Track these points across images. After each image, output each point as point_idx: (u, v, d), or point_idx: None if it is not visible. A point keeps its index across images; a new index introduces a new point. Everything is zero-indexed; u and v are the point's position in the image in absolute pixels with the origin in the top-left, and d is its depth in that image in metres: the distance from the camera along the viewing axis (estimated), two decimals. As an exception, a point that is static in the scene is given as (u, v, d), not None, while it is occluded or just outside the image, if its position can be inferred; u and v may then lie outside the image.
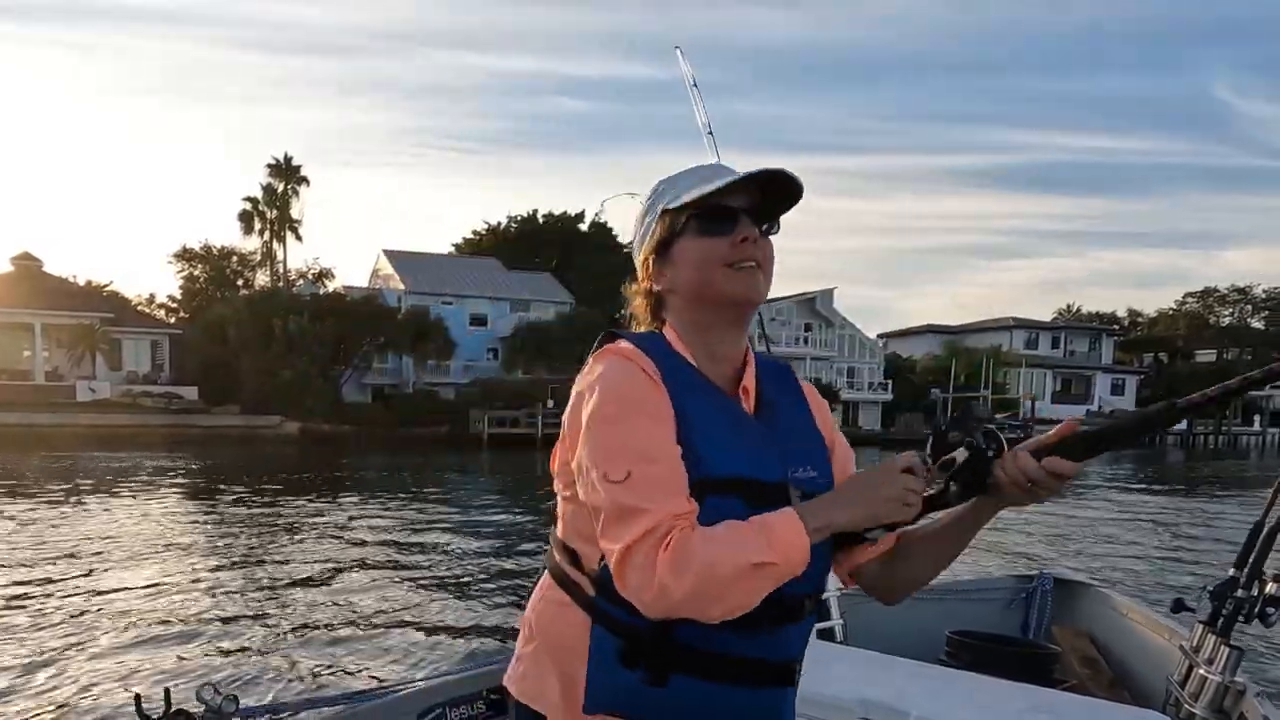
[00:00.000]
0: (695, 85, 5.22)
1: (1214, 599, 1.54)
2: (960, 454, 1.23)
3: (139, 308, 49.31)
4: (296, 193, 51.92)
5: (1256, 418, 54.54)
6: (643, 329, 1.41)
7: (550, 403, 37.43)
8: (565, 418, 1.30)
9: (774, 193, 1.30)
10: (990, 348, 52.56)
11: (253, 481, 19.89)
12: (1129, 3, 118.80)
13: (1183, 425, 48.28)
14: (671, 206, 1.32)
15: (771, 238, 1.33)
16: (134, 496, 16.52)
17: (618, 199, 6.06)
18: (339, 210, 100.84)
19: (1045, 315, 66.70)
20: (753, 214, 1.29)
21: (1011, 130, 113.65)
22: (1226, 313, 66.77)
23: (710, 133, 4.97)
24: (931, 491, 1.25)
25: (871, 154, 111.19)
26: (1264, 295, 65.41)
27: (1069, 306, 75.46)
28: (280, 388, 36.36)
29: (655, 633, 1.21)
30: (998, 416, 44.17)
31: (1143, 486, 23.75)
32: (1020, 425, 43.22)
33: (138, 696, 2.18)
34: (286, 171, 51.72)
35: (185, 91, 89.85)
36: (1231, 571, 1.53)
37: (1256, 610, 1.48)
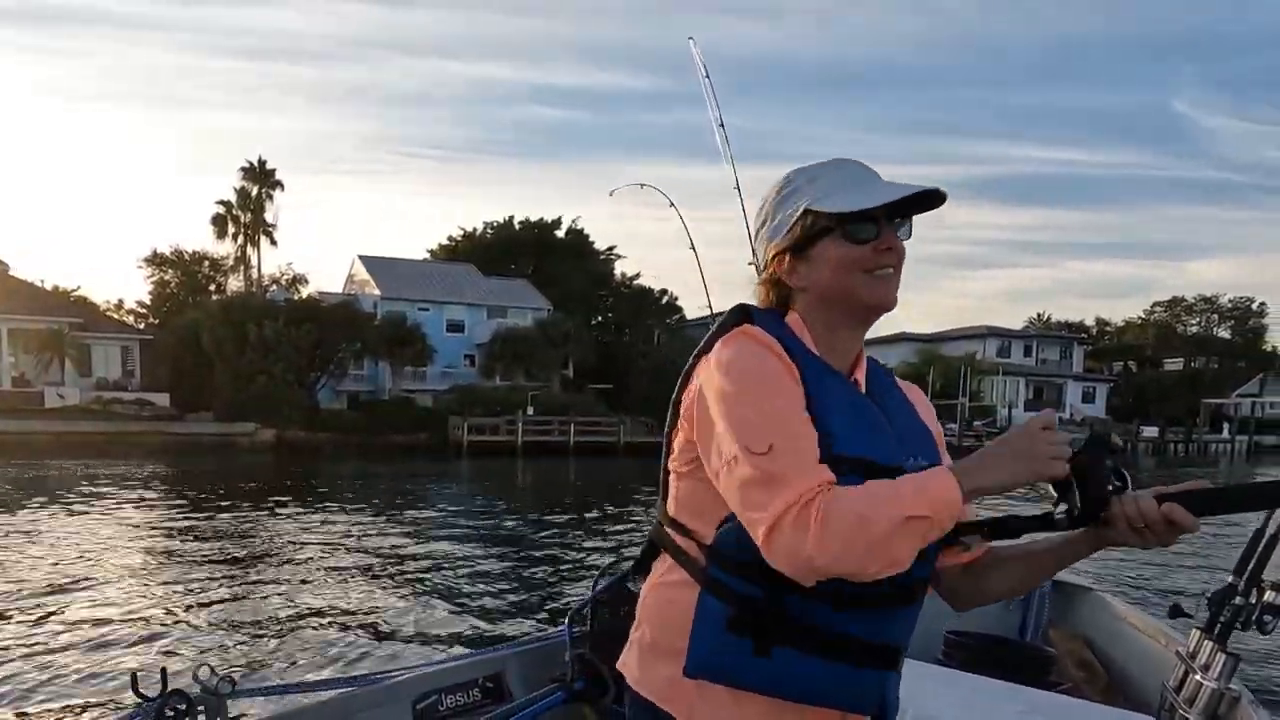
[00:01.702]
0: (708, 76, 5.07)
1: (1212, 605, 1.52)
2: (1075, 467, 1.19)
3: (108, 313, 48.40)
4: (271, 196, 51.36)
5: (1225, 425, 55.47)
6: None
7: (530, 410, 37.16)
8: (687, 396, 1.34)
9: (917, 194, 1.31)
10: (966, 355, 53.05)
11: (231, 490, 19.57)
12: (1096, 17, 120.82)
13: (1154, 432, 49.01)
14: (817, 208, 1.32)
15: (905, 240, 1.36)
16: (109, 506, 16.18)
17: (630, 188, 5.94)
18: (313, 217, 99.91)
19: (1014, 324, 67.42)
20: (891, 217, 1.32)
21: (981, 142, 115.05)
22: (1193, 322, 67.93)
23: (721, 125, 4.84)
24: (1044, 511, 1.24)
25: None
26: (1230, 305, 66.72)
27: (1039, 315, 76.42)
28: (255, 394, 35.79)
29: (767, 603, 1.23)
30: (976, 423, 44.56)
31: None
32: (999, 432, 43.58)
33: (134, 675, 2.17)
34: (260, 175, 51.10)
35: (155, 97, 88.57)
36: (1230, 578, 1.51)
37: (1254, 618, 1.47)
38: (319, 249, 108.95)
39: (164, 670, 2.20)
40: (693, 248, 5.14)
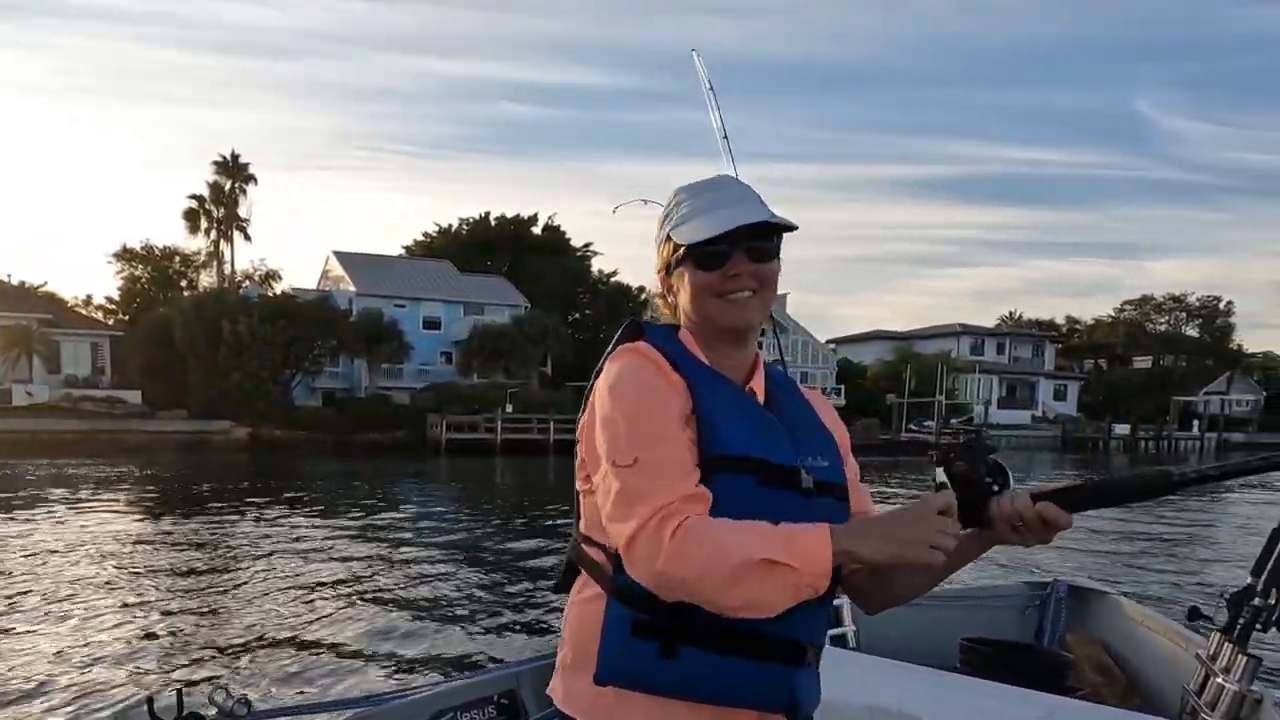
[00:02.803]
0: (712, 88, 5.06)
1: (1231, 607, 1.52)
2: (952, 474, 1.26)
3: (76, 309, 47.57)
4: (244, 190, 50.70)
5: (1195, 423, 56.37)
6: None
7: (509, 407, 36.96)
8: (583, 417, 1.37)
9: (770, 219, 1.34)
10: (940, 353, 53.50)
11: (210, 490, 19.32)
12: (1060, 18, 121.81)
13: (1126, 429, 49.75)
14: (672, 236, 1.38)
15: (775, 259, 1.38)
16: (84, 507, 15.87)
17: (631, 205, 5.89)
18: (285, 213, 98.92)
19: (984, 322, 68.10)
20: (751, 238, 1.33)
21: (949, 142, 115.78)
22: (1162, 320, 68.83)
23: (725, 136, 4.82)
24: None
25: (814, 163, 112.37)
26: (1198, 303, 67.62)
27: (1011, 313, 77.19)
28: (229, 392, 35.39)
29: (671, 605, 1.22)
30: (953, 421, 44.92)
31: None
32: (977, 430, 44.02)
33: (150, 699, 2.18)
34: (233, 169, 50.42)
35: (125, 91, 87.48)
36: (1249, 579, 1.50)
37: (1274, 619, 1.47)
38: (290, 245, 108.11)
39: (179, 692, 2.20)
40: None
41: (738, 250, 1.33)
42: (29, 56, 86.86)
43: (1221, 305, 67.19)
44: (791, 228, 1.36)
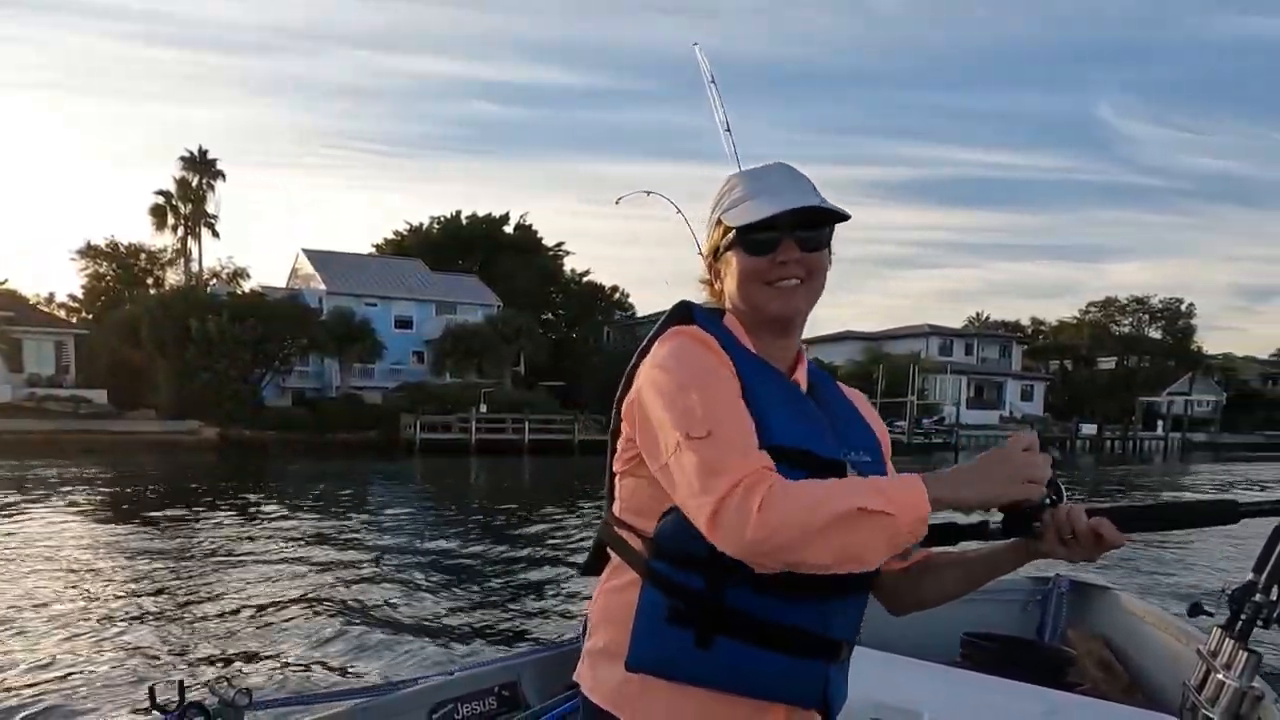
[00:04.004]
0: (714, 81, 5.06)
1: (1232, 603, 1.49)
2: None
3: (38, 306, 46.61)
4: (212, 187, 49.93)
5: (1159, 423, 57.32)
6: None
7: (483, 407, 36.73)
8: (628, 398, 1.35)
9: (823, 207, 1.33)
10: (910, 354, 53.93)
11: (182, 489, 19.05)
12: (1023, 22, 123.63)
13: (1093, 429, 50.48)
14: (723, 219, 1.37)
15: (825, 249, 1.37)
16: (54, 508, 15.60)
17: (635, 196, 5.89)
18: (253, 210, 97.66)
19: (948, 323, 68.77)
20: (801, 227, 1.33)
21: (914, 145, 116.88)
22: (1126, 322, 69.93)
23: (728, 130, 4.82)
24: (980, 520, 1.26)
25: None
26: (1160, 305, 68.80)
27: (978, 314, 78.05)
28: (198, 391, 34.83)
29: (708, 594, 1.23)
30: (924, 421, 45.34)
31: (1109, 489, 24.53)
32: (948, 430, 44.47)
33: (152, 689, 2.18)
34: (201, 165, 49.64)
35: (88, 86, 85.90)
36: (1250, 575, 1.48)
37: (1276, 615, 1.45)
38: (257, 243, 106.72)
39: (181, 683, 2.19)
40: (700, 251, 5.11)
41: (788, 237, 1.32)
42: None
43: (1183, 307, 68.52)
44: (844, 216, 1.35)
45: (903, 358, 52.35)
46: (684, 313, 1.41)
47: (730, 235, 1.36)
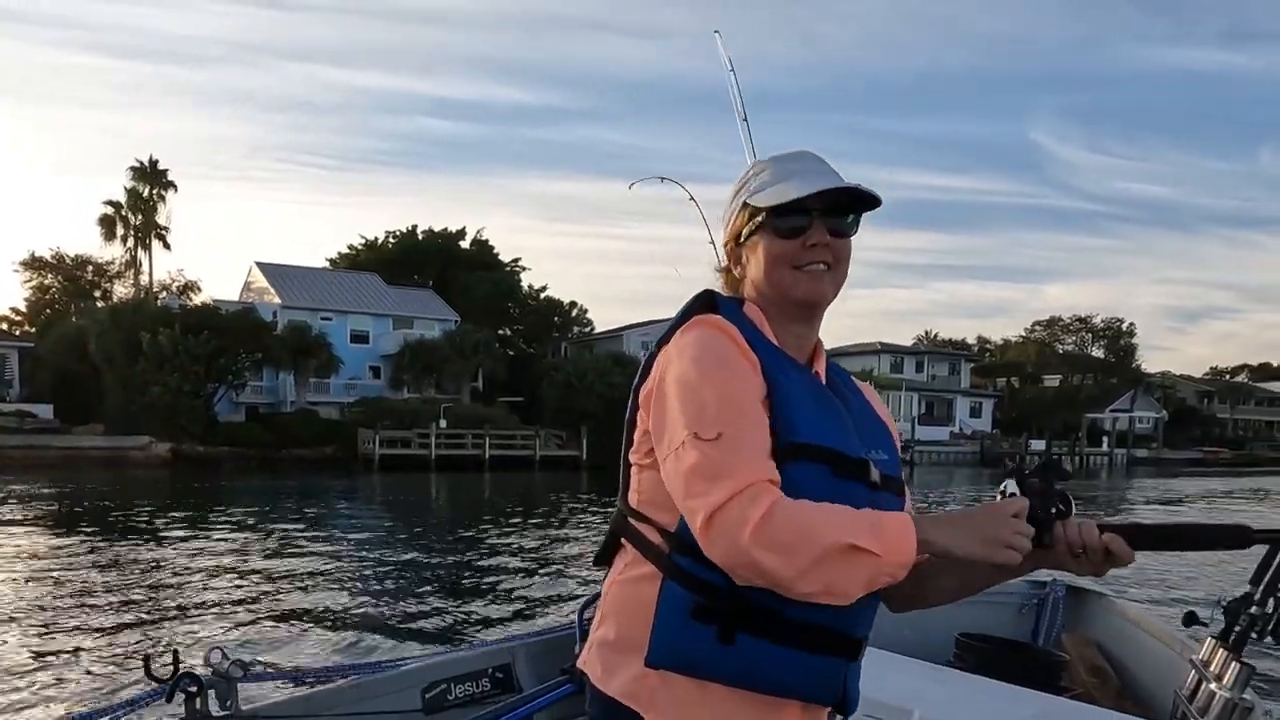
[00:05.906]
0: (733, 70, 5.13)
1: (1227, 614, 1.53)
2: (1026, 489, 1.26)
3: (-21, 318, 45.29)
4: (163, 198, 48.82)
5: (1104, 439, 58.61)
6: None
7: (443, 422, 36.40)
8: (646, 386, 1.32)
9: (853, 192, 1.31)
10: (863, 371, 54.53)
11: (132, 505, 18.65)
12: (963, 49, 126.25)
13: (1041, 446, 51.40)
14: (751, 201, 1.35)
15: (852, 237, 1.36)
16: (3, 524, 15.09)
17: (649, 181, 5.97)
18: (200, 223, 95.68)
19: (897, 342, 69.73)
20: (830, 213, 1.31)
21: (853, 167, 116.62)
22: (1069, 340, 71.60)
23: (745, 120, 4.91)
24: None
25: (720, 184, 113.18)
26: (1102, 325, 70.60)
27: (927, 333, 79.33)
28: (148, 406, 33.95)
29: (731, 590, 1.20)
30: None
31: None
32: (904, 446, 44.88)
33: (147, 658, 2.20)
34: (152, 175, 48.55)
35: (30, 94, 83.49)
36: (1247, 587, 1.51)
37: (1270, 628, 1.48)
38: (208, 256, 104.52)
39: (176, 652, 2.21)
40: (711, 242, 5.21)
41: (819, 220, 1.31)
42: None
43: (1124, 326, 70.38)
44: (876, 201, 1.33)
45: (859, 375, 52.71)
46: (708, 300, 1.38)
47: (758, 219, 1.34)
